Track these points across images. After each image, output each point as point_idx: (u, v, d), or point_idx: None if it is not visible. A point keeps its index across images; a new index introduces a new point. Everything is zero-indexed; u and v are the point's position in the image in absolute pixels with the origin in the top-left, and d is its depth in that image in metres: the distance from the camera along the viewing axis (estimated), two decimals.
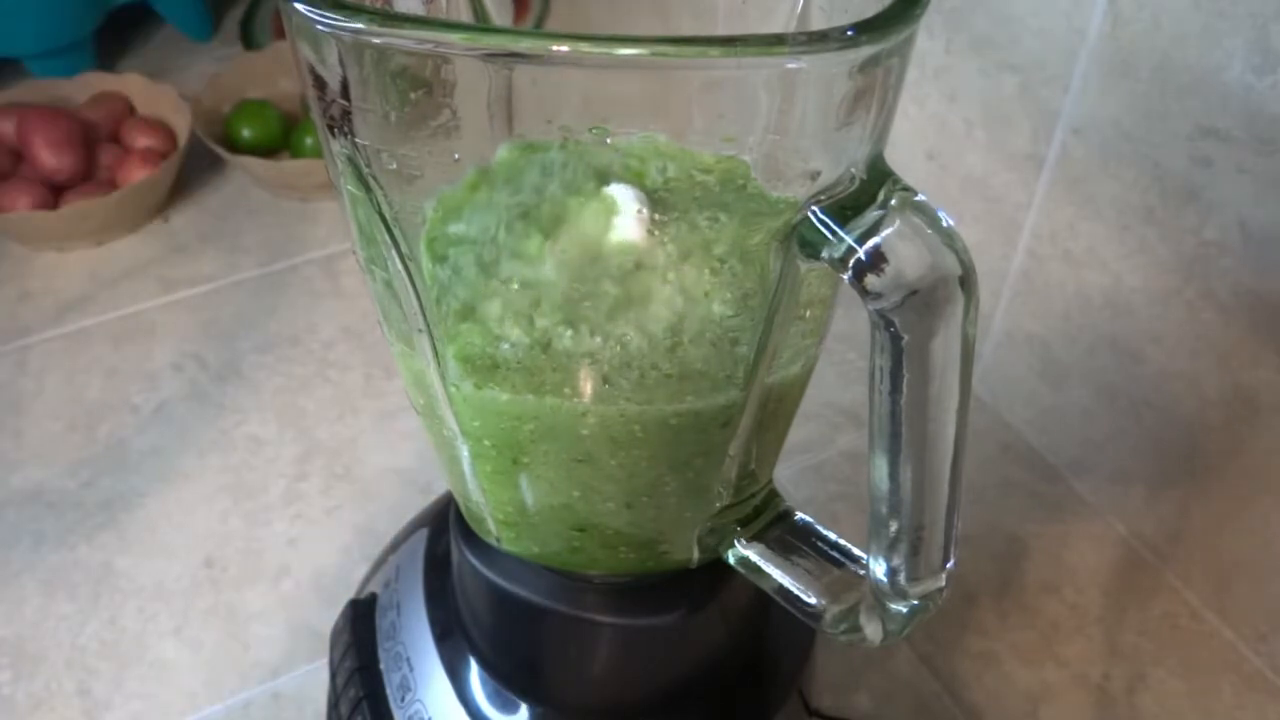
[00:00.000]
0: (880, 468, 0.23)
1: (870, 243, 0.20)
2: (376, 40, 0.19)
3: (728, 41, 0.18)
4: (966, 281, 0.21)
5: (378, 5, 0.23)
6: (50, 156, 0.76)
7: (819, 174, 0.22)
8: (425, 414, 0.30)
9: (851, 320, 0.31)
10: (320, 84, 0.21)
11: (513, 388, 0.26)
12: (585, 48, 0.18)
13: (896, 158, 0.22)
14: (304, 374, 0.69)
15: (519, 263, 0.23)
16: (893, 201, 0.21)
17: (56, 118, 0.78)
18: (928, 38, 0.61)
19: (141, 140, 0.80)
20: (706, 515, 0.31)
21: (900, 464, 0.23)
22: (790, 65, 0.19)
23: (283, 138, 0.84)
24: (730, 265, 0.23)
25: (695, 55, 0.18)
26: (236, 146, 0.81)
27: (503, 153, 0.22)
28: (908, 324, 0.21)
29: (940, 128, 0.62)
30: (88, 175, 0.79)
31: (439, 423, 0.29)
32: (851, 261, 0.21)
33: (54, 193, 0.77)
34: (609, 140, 0.21)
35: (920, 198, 0.21)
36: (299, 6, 0.20)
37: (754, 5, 0.26)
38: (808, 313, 0.26)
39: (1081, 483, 0.62)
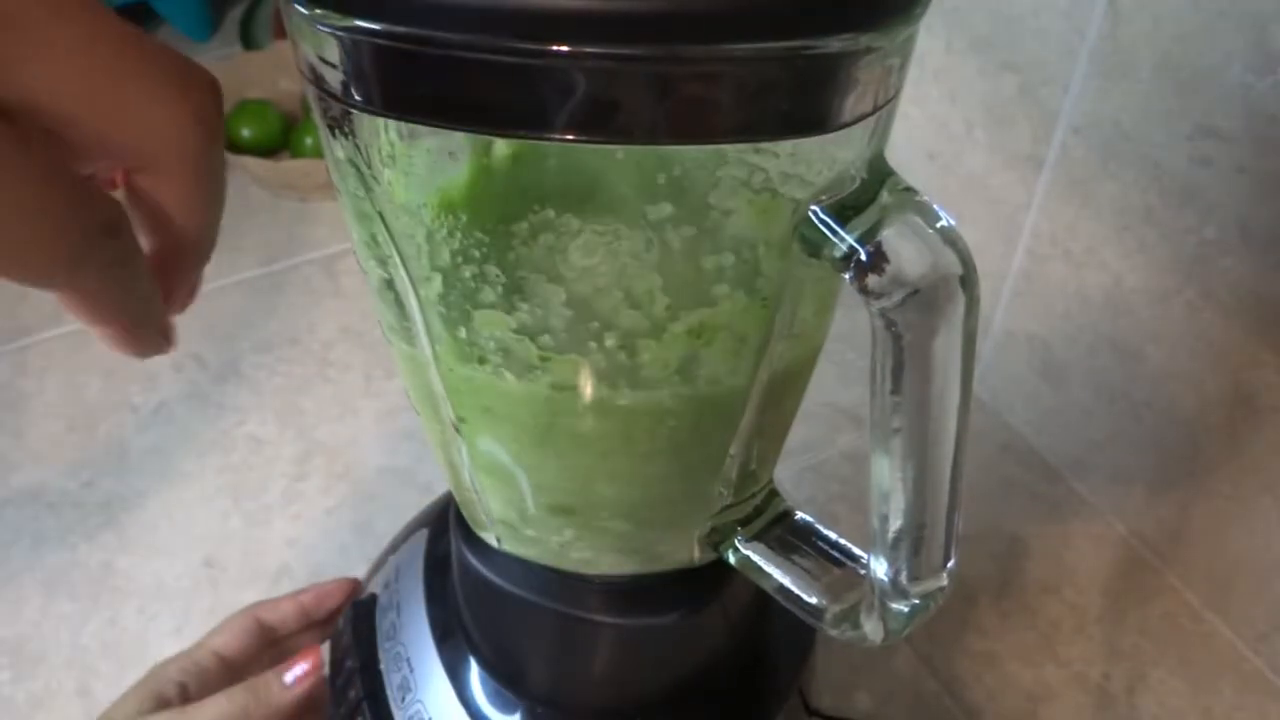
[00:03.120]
0: (881, 467, 0.23)
1: (871, 242, 0.20)
2: (377, 40, 0.19)
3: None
4: (967, 280, 0.21)
5: None
6: None
7: (820, 173, 0.22)
8: (424, 413, 0.30)
9: (852, 320, 0.31)
10: (321, 84, 0.21)
11: (513, 388, 0.26)
12: (590, 48, 0.18)
13: (897, 158, 0.22)
14: (304, 374, 0.69)
15: (519, 263, 0.23)
16: (893, 201, 0.21)
17: None
18: (928, 38, 0.61)
19: None
20: (707, 515, 0.31)
21: (901, 463, 0.23)
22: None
23: (283, 138, 0.84)
24: (731, 264, 0.23)
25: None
26: (236, 146, 0.81)
27: (502, 151, 0.22)
28: (909, 323, 0.21)
29: (940, 128, 0.62)
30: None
31: (438, 422, 0.29)
32: (852, 261, 0.21)
33: None
34: None
35: (921, 197, 0.21)
36: (299, 7, 0.20)
37: None
38: (809, 312, 0.26)
39: (1081, 483, 0.62)
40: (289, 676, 0.39)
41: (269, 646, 0.44)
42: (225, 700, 0.38)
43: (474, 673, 0.36)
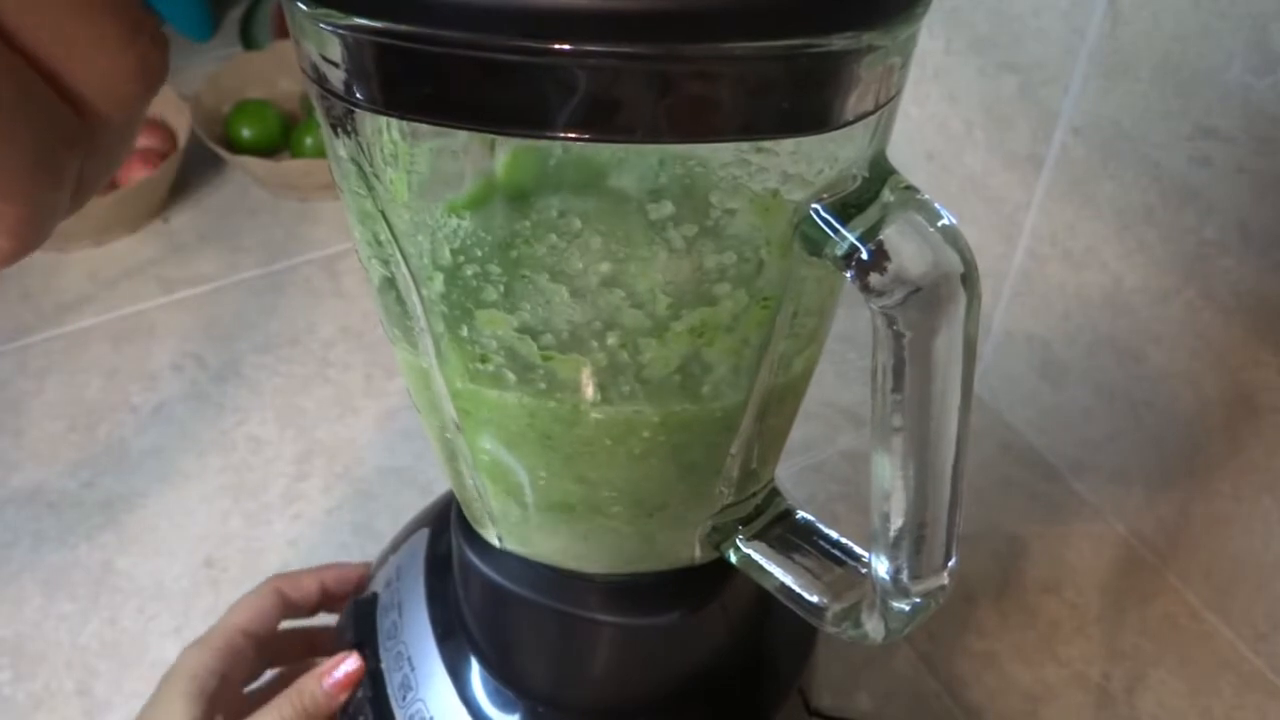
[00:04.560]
0: (882, 466, 0.23)
1: (872, 240, 0.20)
2: (379, 39, 0.19)
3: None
4: (968, 279, 0.21)
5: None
6: None
7: (821, 172, 0.22)
8: (426, 412, 0.30)
9: (852, 320, 0.32)
10: (323, 83, 0.21)
11: (514, 388, 0.26)
12: (592, 46, 0.18)
13: (896, 158, 0.22)
14: (304, 374, 0.69)
15: (521, 262, 0.23)
16: (894, 199, 0.21)
17: None
18: (928, 38, 0.61)
19: (141, 140, 0.80)
20: (708, 514, 0.31)
21: (903, 462, 0.23)
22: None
23: (283, 138, 0.84)
24: (733, 263, 0.23)
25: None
26: (236, 146, 0.81)
27: (506, 151, 0.22)
28: (910, 322, 0.21)
29: (940, 128, 0.62)
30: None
31: (440, 421, 0.29)
32: (854, 260, 0.21)
33: None
34: None
35: (922, 196, 0.21)
36: (301, 5, 0.20)
37: None
38: (810, 311, 0.26)
39: (1081, 483, 0.62)
40: (329, 682, 0.39)
41: (286, 617, 0.44)
42: (272, 715, 0.38)
43: (475, 672, 0.36)
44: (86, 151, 0.19)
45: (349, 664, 0.38)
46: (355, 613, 0.41)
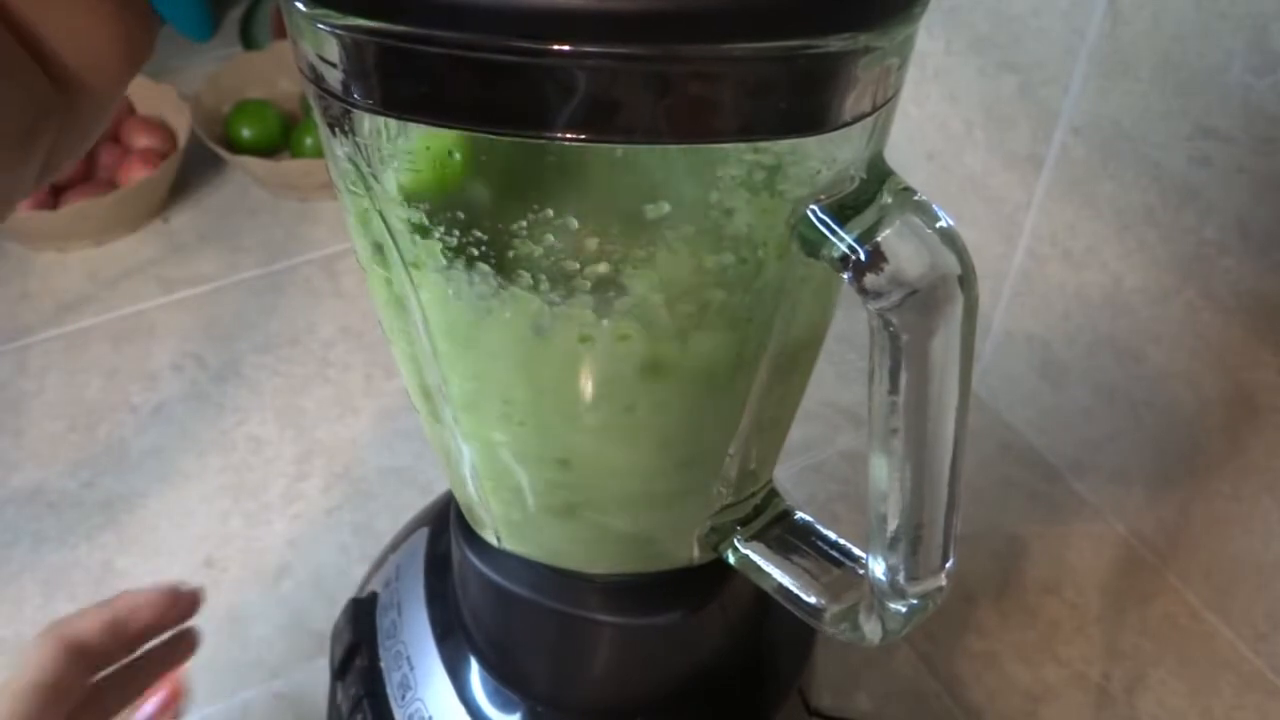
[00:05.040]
0: (879, 467, 0.23)
1: (869, 242, 0.20)
2: (376, 39, 0.19)
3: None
4: (966, 281, 0.21)
5: None
6: None
7: (819, 173, 0.22)
8: (425, 413, 0.30)
9: (851, 320, 0.31)
10: (321, 83, 0.21)
11: (514, 386, 0.26)
12: (590, 47, 0.18)
13: (896, 158, 0.22)
14: (304, 374, 0.69)
15: (518, 261, 0.23)
16: (892, 201, 0.21)
17: None
18: (928, 38, 0.61)
19: (141, 140, 0.80)
20: (706, 514, 0.31)
21: (899, 463, 0.23)
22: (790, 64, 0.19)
23: (283, 138, 0.84)
24: (730, 263, 0.23)
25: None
26: (236, 146, 0.81)
27: (501, 150, 0.22)
28: (907, 324, 0.21)
29: (940, 128, 0.62)
30: (87, 175, 0.79)
31: (438, 421, 0.29)
32: (851, 261, 0.21)
33: (54, 193, 0.77)
34: None
35: (920, 197, 0.21)
36: (299, 5, 0.20)
37: None
38: (808, 311, 0.26)
39: (1081, 483, 0.62)
40: (141, 716, 0.36)
41: (88, 667, 0.38)
42: None
43: (474, 671, 0.36)
44: (59, 128, 0.19)
45: (161, 695, 0.37)
46: (354, 611, 0.41)
